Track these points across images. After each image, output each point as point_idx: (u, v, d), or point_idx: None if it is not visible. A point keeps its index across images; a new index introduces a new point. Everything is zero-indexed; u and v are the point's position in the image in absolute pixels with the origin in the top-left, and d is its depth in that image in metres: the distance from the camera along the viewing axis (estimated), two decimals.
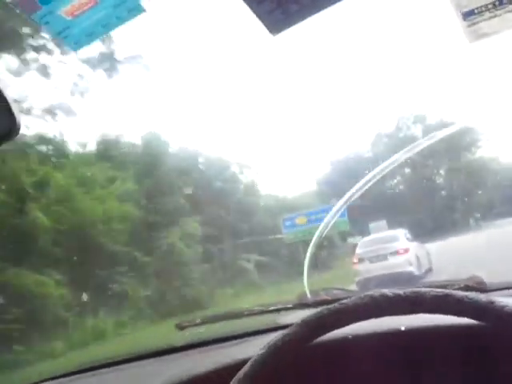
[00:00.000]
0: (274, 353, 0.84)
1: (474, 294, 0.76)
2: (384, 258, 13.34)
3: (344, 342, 1.03)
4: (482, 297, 0.75)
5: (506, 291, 1.31)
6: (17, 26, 15.70)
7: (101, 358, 1.68)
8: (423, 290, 0.77)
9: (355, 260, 14.16)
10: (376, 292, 0.79)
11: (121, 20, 0.99)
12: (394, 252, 13.32)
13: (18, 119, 1.00)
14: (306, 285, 1.67)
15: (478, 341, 0.90)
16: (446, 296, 0.75)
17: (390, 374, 1.02)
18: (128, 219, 19.47)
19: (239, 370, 0.86)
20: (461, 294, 0.76)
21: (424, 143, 1.42)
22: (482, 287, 1.30)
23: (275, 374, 0.85)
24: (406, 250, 13.25)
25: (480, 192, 42.46)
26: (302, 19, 0.90)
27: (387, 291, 0.78)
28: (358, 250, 14.39)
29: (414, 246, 13.85)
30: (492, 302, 0.73)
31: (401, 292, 0.78)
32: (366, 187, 1.53)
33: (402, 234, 14.44)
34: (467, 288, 1.30)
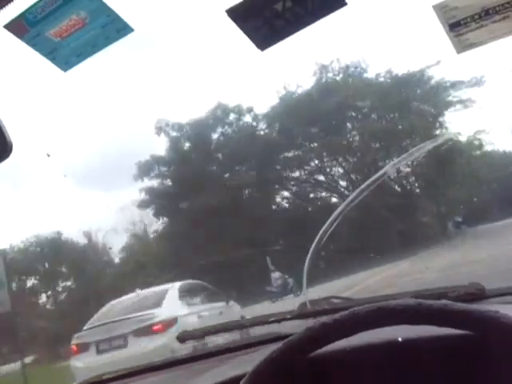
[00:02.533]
0: (268, 368, 0.85)
1: (405, 300, 0.77)
2: (123, 342, 7.01)
3: (341, 353, 1.03)
4: (411, 301, 0.76)
5: (505, 297, 1.30)
6: None
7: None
8: (357, 309, 0.79)
9: (74, 347, 7.49)
10: (316, 323, 0.81)
11: (109, 40, 1.00)
12: (143, 329, 6.88)
13: (9, 140, 1.00)
14: (305, 295, 1.66)
15: (472, 350, 0.90)
16: (379, 309, 0.77)
17: None
18: None
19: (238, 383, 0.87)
20: (393, 303, 0.77)
21: (414, 154, 1.41)
22: (481, 294, 1.30)
23: None
24: (169, 324, 6.87)
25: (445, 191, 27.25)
26: (289, 35, 0.91)
27: (327, 318, 0.80)
28: (83, 332, 7.61)
29: (196, 313, 7.46)
30: (419, 304, 0.75)
31: (337, 316, 0.80)
32: (352, 205, 1.52)
33: (175, 292, 7.80)
34: (466, 295, 1.29)
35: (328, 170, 30.85)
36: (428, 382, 1.01)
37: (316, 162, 30.50)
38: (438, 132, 27.28)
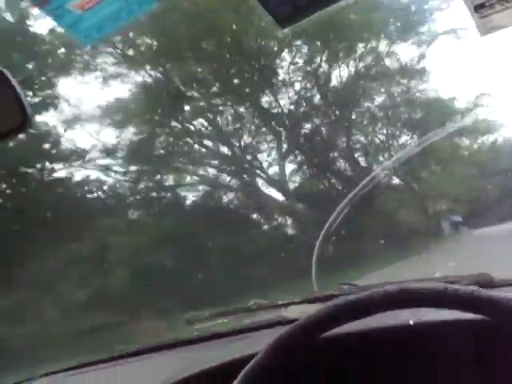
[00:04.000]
0: (279, 348, 0.86)
1: (431, 283, 0.78)
2: None
3: (350, 337, 1.03)
4: (437, 284, 0.78)
5: None
6: None
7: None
8: (376, 290, 0.80)
9: None
10: (340, 299, 0.82)
11: (133, 13, 0.99)
12: None
13: (29, 111, 1.02)
14: (314, 280, 1.67)
15: (483, 333, 0.90)
16: (402, 291, 0.78)
17: (395, 368, 1.02)
18: None
19: (246, 364, 0.87)
20: (420, 285, 0.78)
21: (417, 148, 1.40)
22: (489, 283, 1.31)
23: (281, 368, 0.86)
24: None
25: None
26: (312, 13, 0.90)
27: (352, 297, 0.81)
28: None
29: None
30: (446, 288, 0.77)
31: (354, 297, 0.81)
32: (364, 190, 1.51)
33: None
34: (475, 284, 1.30)
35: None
36: (441, 367, 1.02)
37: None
38: (416, 90, 18.40)
